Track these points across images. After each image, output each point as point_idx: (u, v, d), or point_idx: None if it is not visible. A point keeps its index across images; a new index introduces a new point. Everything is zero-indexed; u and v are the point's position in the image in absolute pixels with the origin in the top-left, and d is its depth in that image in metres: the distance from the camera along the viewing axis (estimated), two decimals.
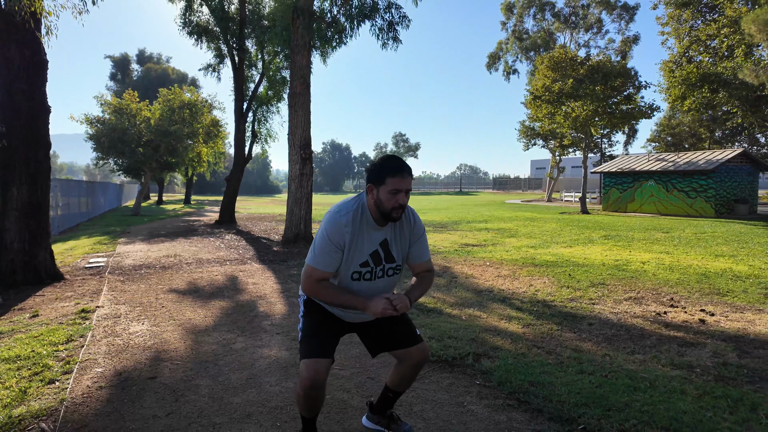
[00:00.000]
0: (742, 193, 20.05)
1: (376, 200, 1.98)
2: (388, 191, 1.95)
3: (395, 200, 1.95)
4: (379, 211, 2.00)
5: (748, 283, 6.27)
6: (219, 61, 16.27)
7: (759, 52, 16.55)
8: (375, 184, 1.98)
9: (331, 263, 1.98)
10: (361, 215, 2.02)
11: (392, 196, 1.95)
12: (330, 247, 1.96)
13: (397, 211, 1.98)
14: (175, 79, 41.93)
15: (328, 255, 1.97)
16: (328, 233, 1.97)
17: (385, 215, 1.99)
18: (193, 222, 17.69)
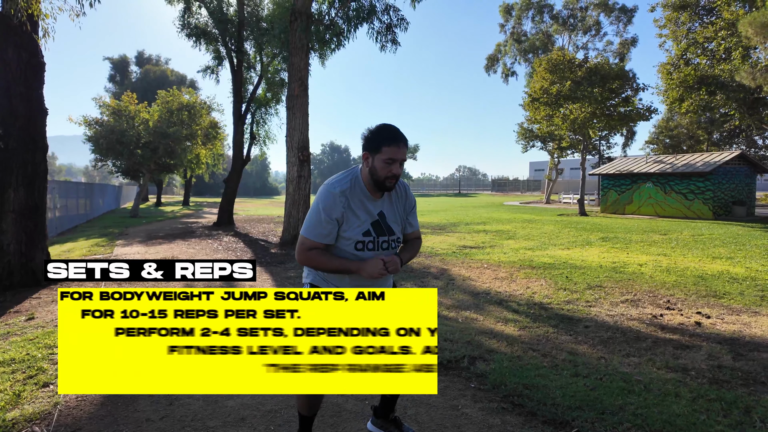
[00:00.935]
0: (740, 195, 20.09)
1: (371, 168, 1.98)
2: (383, 160, 1.95)
3: (389, 170, 1.95)
4: (372, 179, 2.00)
5: (745, 286, 6.28)
6: (218, 63, 16.28)
7: (756, 55, 16.60)
8: (371, 151, 1.98)
9: (323, 234, 1.97)
10: (355, 185, 2.03)
11: (387, 166, 1.95)
12: (323, 217, 1.96)
13: (390, 180, 1.98)
14: (173, 80, 41.93)
15: (321, 226, 1.96)
16: (321, 205, 1.97)
17: (379, 184, 1.99)
18: (191, 224, 17.67)
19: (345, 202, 1.98)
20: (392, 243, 2.10)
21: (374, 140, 1.98)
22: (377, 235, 2.05)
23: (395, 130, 1.98)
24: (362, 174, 2.05)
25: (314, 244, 1.98)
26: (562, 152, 28.98)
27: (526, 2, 34.64)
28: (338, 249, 2.03)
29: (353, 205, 2.00)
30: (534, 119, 23.74)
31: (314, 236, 1.97)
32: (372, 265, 1.94)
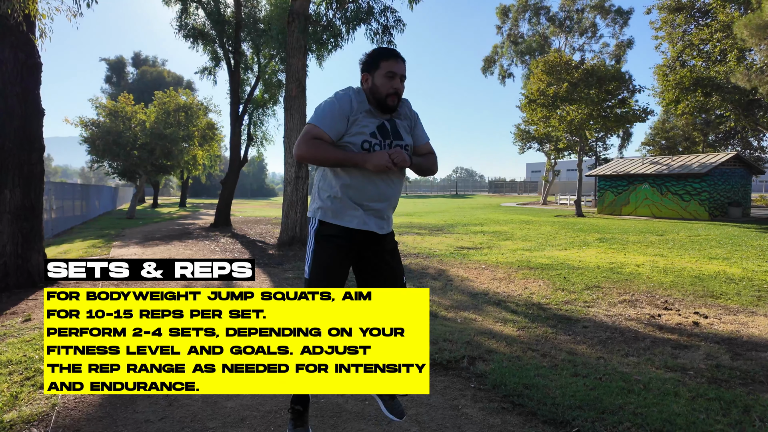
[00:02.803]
0: (736, 196, 20.20)
1: (371, 87, 1.96)
2: (383, 75, 1.93)
3: (391, 85, 1.93)
4: (375, 98, 1.97)
5: (741, 286, 6.31)
6: (215, 64, 16.25)
7: (751, 57, 16.70)
8: (369, 71, 1.96)
9: (333, 125, 1.92)
10: (361, 97, 2.00)
11: (388, 81, 1.93)
12: (337, 109, 1.92)
13: (392, 98, 1.95)
14: (170, 81, 41.85)
15: (333, 116, 1.92)
16: (337, 101, 1.94)
17: (381, 102, 1.96)
18: (188, 225, 17.62)
19: (357, 105, 1.95)
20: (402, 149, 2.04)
21: (372, 58, 1.97)
22: (383, 138, 1.99)
23: (391, 47, 1.99)
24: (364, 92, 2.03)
25: (320, 132, 1.90)
26: (558, 154, 29.06)
27: (522, 4, 34.76)
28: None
29: (361, 111, 1.97)
30: (531, 121, 23.82)
31: (322, 124, 1.91)
32: (378, 156, 1.87)
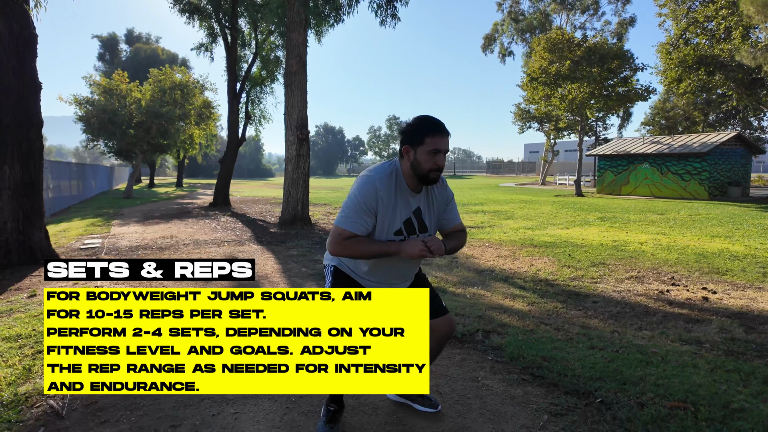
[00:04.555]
0: (736, 175, 20.20)
1: (413, 162, 1.91)
2: (427, 152, 1.87)
3: (434, 161, 1.88)
4: (415, 174, 1.93)
5: (746, 263, 6.31)
6: (211, 40, 15.89)
7: (756, 34, 16.48)
8: (412, 144, 1.90)
9: (361, 227, 1.91)
10: (396, 181, 1.96)
11: (431, 157, 1.87)
12: (362, 209, 1.89)
13: (435, 173, 1.91)
14: (165, 59, 41.06)
15: (360, 217, 1.90)
16: (361, 196, 1.90)
17: (422, 177, 1.92)
18: (186, 204, 17.51)
19: (385, 198, 1.92)
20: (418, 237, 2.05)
21: (416, 132, 1.89)
22: (408, 234, 2.00)
23: (437, 120, 1.91)
24: (403, 168, 1.97)
25: (351, 234, 1.92)
26: (558, 133, 28.89)
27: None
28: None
29: (392, 202, 1.94)
30: (532, 99, 23.57)
31: (353, 227, 1.91)
32: (412, 244, 1.88)
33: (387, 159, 42.35)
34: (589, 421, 2.19)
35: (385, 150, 78.25)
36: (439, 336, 2.14)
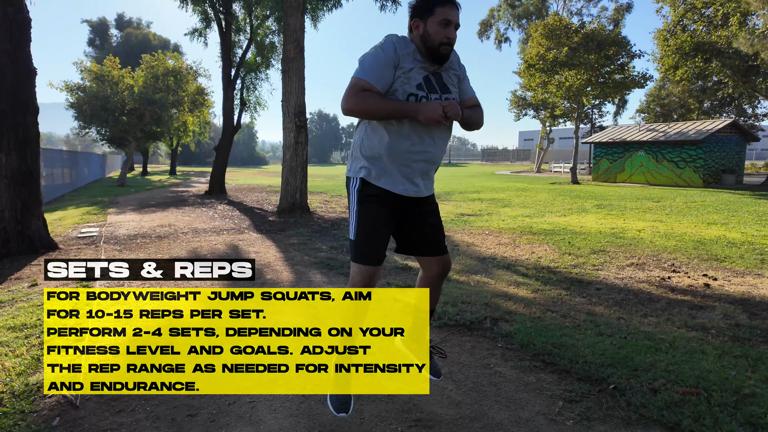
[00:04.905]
0: (730, 163, 20.33)
1: (423, 35, 1.84)
2: (437, 22, 1.80)
3: (445, 34, 1.81)
4: (426, 47, 1.85)
5: (743, 250, 6.38)
6: (205, 25, 15.63)
7: (754, 21, 16.46)
8: (422, 16, 1.84)
9: (380, 76, 1.81)
10: (410, 44, 1.89)
11: (442, 29, 1.81)
12: (382, 58, 1.81)
13: (446, 47, 1.84)
14: (156, 45, 40.37)
15: (379, 67, 1.81)
16: (380, 47, 1.83)
17: (433, 51, 1.85)
18: (181, 193, 17.38)
19: (402, 50, 1.84)
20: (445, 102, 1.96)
21: (426, 2, 1.83)
22: (429, 92, 1.90)
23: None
24: (413, 42, 1.90)
25: (368, 85, 1.80)
26: (554, 121, 28.86)
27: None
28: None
29: (409, 60, 1.86)
30: (528, 86, 23.49)
31: (369, 76, 1.80)
32: (431, 108, 1.77)
33: None
34: (604, 407, 2.21)
35: None
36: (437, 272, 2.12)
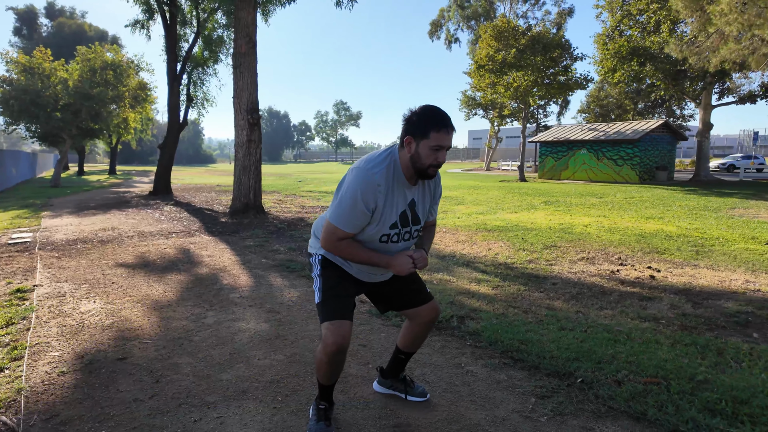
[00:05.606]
0: (663, 160, 21.78)
1: (414, 155, 1.83)
2: (430, 146, 1.80)
3: (435, 157, 1.82)
4: (414, 167, 1.86)
5: (680, 242, 6.82)
6: (148, 17, 14.81)
7: (682, 28, 17.68)
8: (416, 137, 1.81)
9: (357, 225, 1.85)
10: (393, 173, 1.88)
11: (433, 153, 1.81)
12: (360, 207, 1.81)
13: (434, 168, 1.85)
14: (93, 36, 37.86)
15: (356, 216, 1.82)
16: (360, 192, 1.80)
17: (421, 172, 1.86)
18: (123, 193, 16.43)
19: (383, 192, 1.83)
20: (414, 233, 2.02)
21: (421, 124, 1.80)
22: (402, 227, 1.95)
23: (444, 113, 1.82)
24: (401, 158, 1.88)
25: (346, 234, 1.85)
26: (502, 120, 29.75)
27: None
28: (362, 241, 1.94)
29: (390, 196, 1.87)
30: (478, 86, 24.06)
31: (348, 227, 1.84)
32: (401, 262, 1.86)
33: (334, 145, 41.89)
34: (574, 401, 2.27)
35: (333, 136, 77.29)
36: (424, 321, 2.14)
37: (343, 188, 1.87)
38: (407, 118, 1.85)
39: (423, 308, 2.12)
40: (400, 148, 1.91)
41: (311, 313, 3.72)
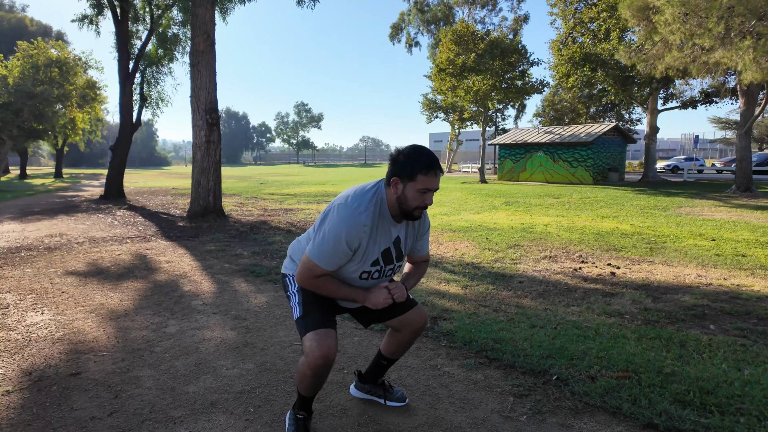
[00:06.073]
0: (614, 162, 22.78)
1: (400, 196, 1.79)
2: (417, 189, 1.75)
3: (422, 200, 1.78)
4: (400, 208, 1.81)
5: (635, 240, 7.12)
6: (97, 12, 14.08)
7: (630, 36, 18.55)
8: (402, 178, 1.77)
9: (337, 263, 1.79)
10: (379, 211, 1.82)
11: (420, 195, 1.77)
12: (342, 247, 1.75)
13: (420, 210, 1.81)
14: (35, 31, 35.65)
15: (337, 255, 1.77)
16: (344, 233, 1.74)
17: (407, 213, 1.82)
18: (71, 198, 15.54)
19: (368, 231, 1.79)
20: (396, 269, 1.99)
21: (409, 166, 1.76)
22: (385, 264, 1.91)
23: (433, 155, 1.79)
24: (387, 197, 1.83)
25: (325, 271, 1.80)
26: (462, 123, 30.26)
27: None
28: (340, 276, 1.89)
29: (375, 235, 1.82)
30: (439, 90, 24.36)
31: (327, 264, 1.78)
32: (377, 295, 1.83)
33: (295, 147, 41.25)
34: (551, 398, 2.29)
35: (294, 138, 76.22)
36: (413, 329, 2.09)
37: (326, 225, 1.79)
38: (394, 158, 1.81)
39: (410, 316, 2.07)
40: (386, 185, 1.85)
41: (280, 319, 3.60)
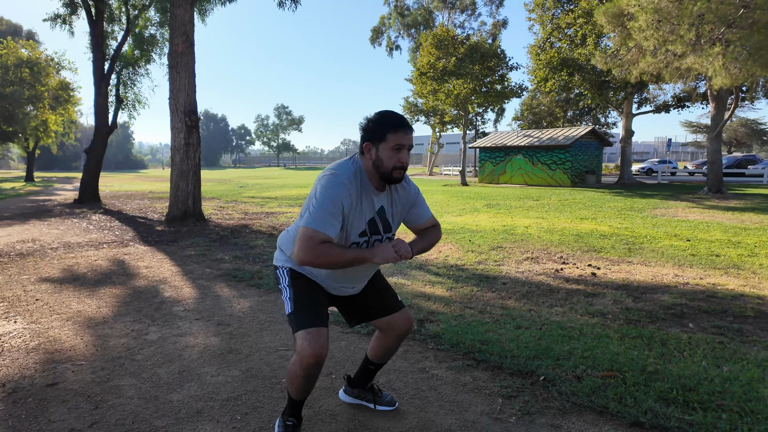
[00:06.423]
0: (591, 165, 23.25)
1: (375, 160, 1.79)
2: (390, 148, 1.76)
3: (398, 158, 1.78)
4: (378, 172, 1.81)
5: (613, 241, 7.26)
6: (71, 11, 13.73)
7: (606, 42, 19.01)
8: (374, 141, 1.78)
9: (333, 226, 1.74)
10: (360, 179, 1.82)
11: (395, 154, 1.77)
12: (332, 208, 1.72)
13: (399, 171, 1.80)
14: (5, 30, 34.52)
15: (331, 216, 1.73)
16: (331, 195, 1.73)
17: (386, 176, 1.81)
18: (44, 202, 15.09)
19: (353, 193, 1.78)
20: (384, 241, 1.96)
21: (377, 128, 1.78)
22: (371, 234, 1.89)
23: (399, 115, 1.81)
24: (365, 166, 1.84)
25: (326, 236, 1.74)
26: (443, 127, 30.48)
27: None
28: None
29: (358, 202, 1.81)
30: (420, 93, 24.51)
31: (325, 228, 1.73)
32: (383, 249, 1.77)
33: (276, 150, 41.12)
34: (539, 399, 2.30)
35: (274, 140, 75.59)
36: (397, 333, 2.08)
37: (315, 194, 1.78)
38: (363, 126, 1.83)
39: (396, 319, 2.06)
40: (360, 156, 1.86)
41: (265, 324, 3.55)
